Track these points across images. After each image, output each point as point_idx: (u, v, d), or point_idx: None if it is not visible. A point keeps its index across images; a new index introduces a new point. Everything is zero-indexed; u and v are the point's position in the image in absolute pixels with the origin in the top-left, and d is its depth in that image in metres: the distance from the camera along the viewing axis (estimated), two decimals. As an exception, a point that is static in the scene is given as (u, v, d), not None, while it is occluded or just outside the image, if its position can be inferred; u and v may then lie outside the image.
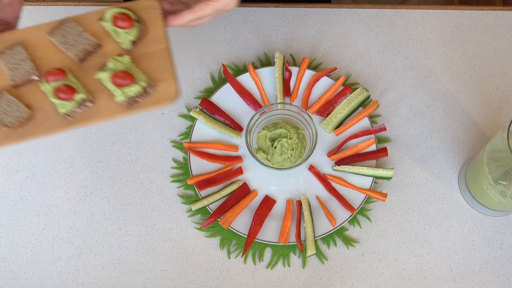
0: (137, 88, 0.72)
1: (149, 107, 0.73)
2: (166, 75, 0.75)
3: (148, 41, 0.76)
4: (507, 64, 1.02)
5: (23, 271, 0.91)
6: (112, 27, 0.76)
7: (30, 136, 0.73)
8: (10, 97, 0.74)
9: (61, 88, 0.72)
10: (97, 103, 0.74)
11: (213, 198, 0.91)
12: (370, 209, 0.93)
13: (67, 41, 0.76)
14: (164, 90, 0.74)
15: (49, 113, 0.74)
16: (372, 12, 1.06)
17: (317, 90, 0.99)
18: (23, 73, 0.75)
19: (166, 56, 0.76)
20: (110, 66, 0.74)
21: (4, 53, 0.76)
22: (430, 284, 0.89)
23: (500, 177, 0.81)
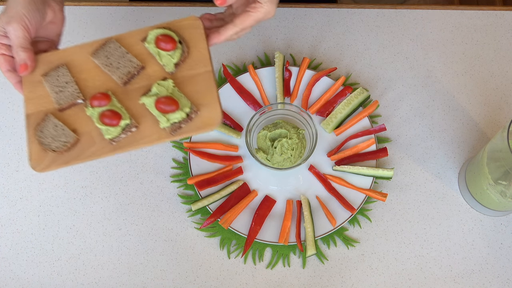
0: (181, 115, 0.71)
1: (192, 132, 0.72)
2: (210, 99, 0.73)
3: (191, 63, 0.75)
4: (507, 64, 1.02)
5: (23, 271, 0.91)
6: (155, 49, 0.75)
7: (75, 161, 0.72)
8: (56, 121, 0.73)
9: (106, 113, 0.71)
10: (141, 128, 0.73)
11: (213, 198, 0.91)
12: (370, 209, 0.93)
13: (110, 63, 0.75)
14: (207, 115, 0.72)
15: (94, 137, 0.73)
16: (372, 12, 1.06)
17: (317, 90, 0.99)
18: (68, 97, 0.74)
19: (209, 79, 0.74)
20: (154, 91, 0.73)
21: (48, 75, 0.76)
22: (430, 284, 0.89)
23: (500, 177, 0.81)
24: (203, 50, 0.75)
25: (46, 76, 0.76)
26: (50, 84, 0.75)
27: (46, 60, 0.77)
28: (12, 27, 0.72)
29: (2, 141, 0.98)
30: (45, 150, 0.72)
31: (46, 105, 0.75)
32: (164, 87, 0.73)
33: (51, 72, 0.76)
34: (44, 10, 0.75)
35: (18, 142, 0.97)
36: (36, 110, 0.75)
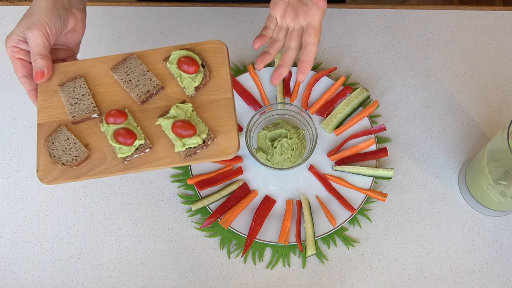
0: (197, 140, 0.70)
1: (207, 159, 0.71)
2: (228, 127, 0.71)
3: (212, 87, 0.74)
4: (507, 64, 1.02)
5: (23, 271, 0.91)
6: (177, 71, 0.74)
7: (84, 177, 0.71)
8: (69, 133, 0.72)
9: (121, 132, 0.70)
10: (155, 150, 0.71)
11: (213, 198, 0.91)
12: (370, 209, 0.93)
13: (130, 80, 0.74)
14: (224, 144, 0.71)
15: (106, 154, 0.71)
16: (372, 12, 1.06)
17: (317, 90, 0.99)
18: (83, 110, 0.73)
19: (229, 106, 0.73)
20: (172, 113, 0.72)
21: (65, 85, 0.74)
22: (430, 284, 0.89)
23: (500, 177, 0.81)
24: (225, 76, 0.74)
25: (63, 86, 0.75)
26: (66, 95, 0.74)
27: (63, 69, 0.76)
28: (32, 33, 0.71)
29: (2, 141, 0.98)
30: (54, 163, 0.71)
31: (60, 116, 0.73)
32: (182, 110, 0.72)
33: (68, 83, 0.75)
34: (66, 18, 0.75)
35: (18, 142, 0.97)
36: (49, 120, 0.73)
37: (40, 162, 0.71)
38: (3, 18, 1.06)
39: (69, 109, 0.73)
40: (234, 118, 0.72)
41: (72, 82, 0.75)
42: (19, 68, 0.74)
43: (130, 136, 0.70)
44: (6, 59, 1.03)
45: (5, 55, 1.03)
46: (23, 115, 0.99)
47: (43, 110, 0.74)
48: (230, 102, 0.73)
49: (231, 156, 0.70)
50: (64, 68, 0.76)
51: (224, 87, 0.74)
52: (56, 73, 0.75)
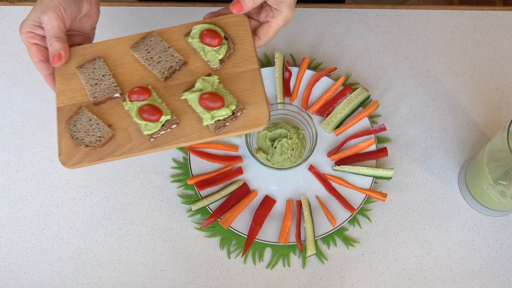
0: (226, 112, 0.68)
1: (237, 132, 0.69)
2: (257, 98, 0.70)
3: (237, 60, 0.72)
4: (507, 64, 1.02)
5: (23, 271, 0.91)
6: (200, 45, 0.72)
7: (110, 157, 0.68)
8: (91, 114, 0.70)
9: (146, 108, 0.68)
10: (182, 125, 0.69)
11: (213, 198, 0.91)
12: (370, 209, 0.93)
13: (151, 57, 0.72)
14: (254, 115, 0.69)
15: (131, 133, 0.69)
16: (372, 12, 1.06)
17: (317, 90, 0.99)
18: (104, 90, 0.71)
19: (256, 77, 0.71)
20: (198, 86, 0.70)
21: (84, 67, 0.73)
22: (430, 284, 0.89)
23: (500, 177, 0.81)
24: (249, 48, 0.73)
25: (81, 68, 0.73)
26: (85, 76, 0.72)
27: (80, 52, 0.74)
28: (48, 17, 0.70)
29: (2, 141, 0.98)
30: (77, 145, 0.69)
31: (80, 98, 0.71)
32: (208, 83, 0.70)
33: (86, 65, 0.73)
34: (80, 2, 0.73)
35: (18, 142, 0.97)
36: (68, 103, 0.71)
37: (62, 146, 0.69)
38: (3, 18, 1.06)
39: (89, 90, 0.71)
40: (262, 89, 0.70)
41: (91, 63, 0.73)
42: (34, 53, 0.72)
43: (156, 112, 0.68)
44: (6, 59, 1.03)
45: (5, 55, 1.03)
46: (23, 115, 0.99)
47: (61, 93, 0.72)
48: (257, 73, 0.72)
49: (262, 127, 0.69)
50: (81, 50, 0.74)
51: (249, 59, 0.72)
52: (73, 56, 0.74)
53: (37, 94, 1.00)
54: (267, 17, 0.75)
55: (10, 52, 1.04)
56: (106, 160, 0.69)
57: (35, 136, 0.98)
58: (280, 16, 0.73)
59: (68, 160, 0.68)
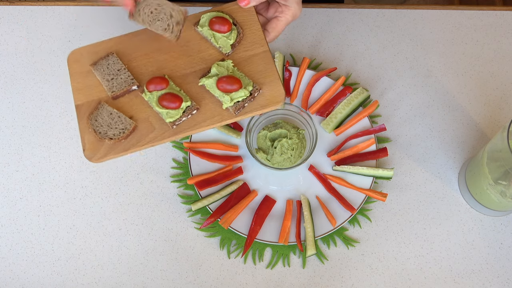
0: (244, 93, 0.70)
1: (256, 111, 0.71)
2: (271, 77, 0.73)
3: (247, 44, 0.75)
4: (507, 64, 1.02)
5: (23, 271, 0.91)
6: (210, 32, 0.74)
7: (135, 148, 0.70)
8: (111, 108, 0.72)
9: (165, 97, 0.70)
10: (202, 110, 0.72)
11: (213, 198, 0.91)
12: (370, 209, 0.93)
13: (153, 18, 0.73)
14: (271, 94, 0.72)
15: (153, 123, 0.71)
16: (372, 12, 1.06)
17: (317, 90, 0.99)
18: (121, 83, 0.73)
19: (268, 58, 0.74)
20: (214, 71, 0.72)
21: (98, 63, 0.74)
22: (430, 284, 0.89)
23: (500, 177, 0.81)
24: (257, 31, 0.75)
25: (95, 65, 0.74)
26: (100, 72, 0.74)
27: (92, 50, 0.76)
28: None
29: (2, 141, 0.98)
30: (100, 140, 0.70)
31: (98, 94, 0.73)
32: (223, 67, 0.73)
33: (100, 61, 0.74)
34: None
35: (18, 142, 0.97)
36: (86, 100, 0.73)
37: (86, 142, 0.71)
38: (3, 18, 1.06)
39: (106, 85, 0.73)
40: (275, 68, 0.73)
41: (105, 59, 0.75)
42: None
43: (176, 99, 0.70)
44: (6, 59, 1.03)
45: (5, 55, 1.03)
46: (23, 115, 0.99)
47: (78, 92, 0.74)
48: (268, 55, 0.74)
49: (279, 105, 0.72)
50: (93, 49, 0.76)
51: (259, 42, 0.75)
52: (85, 55, 0.76)
53: (37, 94, 1.00)
54: (276, 12, 0.77)
55: (10, 52, 1.04)
56: (132, 151, 0.71)
57: (35, 136, 0.98)
58: (289, 12, 0.76)
59: (94, 155, 0.70)
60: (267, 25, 0.78)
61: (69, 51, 1.02)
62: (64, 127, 0.98)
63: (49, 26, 1.05)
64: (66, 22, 1.05)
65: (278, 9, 0.77)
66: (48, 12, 1.06)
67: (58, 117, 0.99)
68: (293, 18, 0.77)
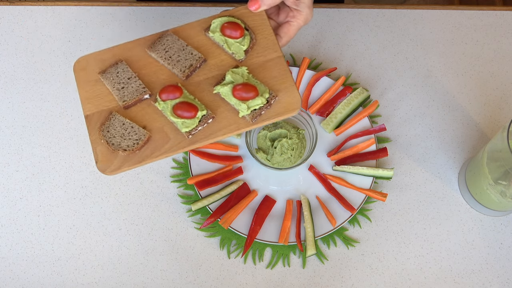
0: (261, 100, 0.68)
1: (273, 119, 0.69)
2: (287, 84, 0.71)
3: (260, 49, 0.73)
4: (507, 64, 1.02)
5: (23, 271, 0.91)
6: (222, 38, 0.72)
7: (150, 159, 0.68)
8: (123, 118, 0.69)
9: (180, 106, 0.68)
10: (218, 119, 0.69)
11: (213, 198, 0.91)
12: (370, 209, 0.93)
13: (170, 56, 0.72)
14: (287, 100, 0.70)
15: (168, 133, 0.69)
16: (372, 12, 1.06)
17: (317, 90, 0.99)
18: (133, 92, 0.70)
19: (282, 64, 0.72)
20: (229, 79, 0.70)
21: (106, 72, 0.72)
22: (430, 284, 0.89)
23: (500, 177, 0.81)
24: (270, 36, 0.73)
25: (104, 73, 0.72)
26: (109, 81, 0.71)
27: (99, 58, 0.73)
28: None
29: (2, 141, 0.98)
30: (114, 151, 0.68)
31: (108, 104, 0.71)
32: (238, 74, 0.71)
33: (109, 69, 0.72)
34: None
35: (18, 142, 0.97)
36: (96, 110, 0.70)
37: (98, 153, 0.68)
38: (3, 18, 1.06)
39: (117, 94, 0.70)
40: (290, 74, 0.71)
41: (114, 67, 0.72)
42: None
43: (191, 108, 0.67)
44: (6, 59, 1.03)
45: (5, 55, 1.03)
46: (23, 115, 0.99)
47: (87, 101, 0.71)
48: (282, 60, 0.72)
49: (296, 112, 0.70)
50: (99, 56, 0.73)
51: (272, 47, 0.73)
52: (92, 63, 0.73)
53: (37, 94, 1.00)
54: (287, 17, 0.76)
55: (10, 52, 1.04)
56: (146, 162, 0.68)
57: (35, 136, 0.98)
58: (300, 16, 0.75)
59: (107, 167, 0.67)
60: (279, 30, 0.76)
61: (69, 51, 1.03)
62: (64, 127, 0.98)
63: (49, 26, 1.05)
64: (66, 22, 1.05)
65: (290, 14, 0.76)
66: (48, 12, 1.06)
67: (58, 117, 0.99)
68: (305, 23, 0.76)
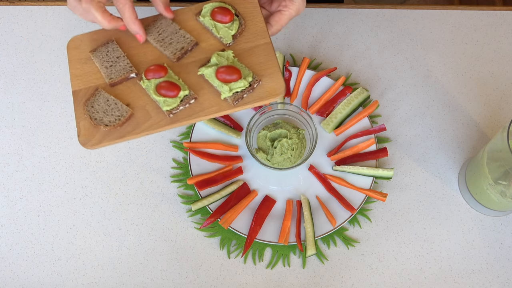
0: (243, 83, 0.70)
1: (255, 103, 0.71)
2: (272, 70, 0.72)
3: (249, 36, 0.75)
4: (507, 64, 1.02)
5: (23, 271, 0.91)
6: (211, 22, 0.74)
7: (130, 135, 0.70)
8: (108, 95, 0.72)
9: (163, 85, 0.70)
10: (200, 100, 0.71)
11: (213, 198, 0.91)
12: (370, 209, 0.93)
13: (163, 39, 0.74)
14: (271, 85, 0.71)
15: (149, 111, 0.71)
16: (372, 12, 1.06)
17: (317, 90, 0.99)
18: (120, 71, 0.73)
19: (269, 50, 0.73)
20: (214, 61, 0.72)
21: (97, 50, 0.74)
22: (430, 284, 0.89)
23: (500, 177, 0.81)
24: (260, 23, 0.75)
25: (95, 52, 0.74)
26: (99, 59, 0.73)
27: (92, 38, 0.76)
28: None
29: (2, 141, 0.98)
30: (96, 126, 0.70)
31: (96, 81, 0.73)
32: (223, 57, 0.72)
33: (99, 48, 0.74)
34: None
35: (18, 142, 0.97)
36: (84, 86, 0.73)
37: (81, 128, 0.70)
38: (3, 18, 1.06)
39: (105, 72, 0.73)
40: (276, 61, 0.73)
41: (104, 46, 0.74)
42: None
43: (174, 87, 0.69)
44: (6, 59, 1.03)
45: (5, 55, 1.03)
46: (23, 115, 0.99)
47: (76, 78, 0.74)
48: (270, 47, 0.74)
49: (278, 97, 0.71)
50: (92, 36, 0.76)
51: (261, 34, 0.74)
52: (85, 42, 0.75)
53: (37, 94, 1.00)
54: (280, 6, 0.77)
55: (10, 52, 1.04)
56: (127, 139, 0.70)
57: (35, 136, 0.98)
58: (293, 6, 0.76)
59: (88, 140, 0.70)
60: (270, 18, 0.78)
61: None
62: (64, 127, 0.98)
63: (49, 26, 1.05)
64: (66, 22, 1.05)
65: (282, 3, 0.77)
66: (48, 12, 1.06)
67: (58, 117, 0.99)
68: (297, 13, 0.77)
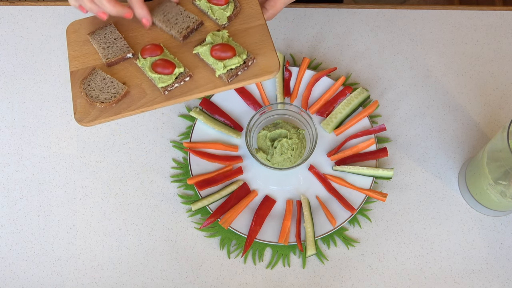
0: (238, 60, 0.71)
1: (249, 80, 0.72)
2: (266, 48, 0.73)
3: (244, 18, 0.76)
4: (507, 64, 1.02)
5: (23, 271, 0.91)
6: (207, 5, 0.76)
7: (125, 112, 0.71)
8: (104, 74, 0.73)
9: (159, 62, 0.71)
10: (195, 78, 0.73)
11: (213, 198, 0.91)
12: (370, 209, 0.93)
13: (168, 19, 0.76)
14: (265, 63, 0.72)
15: (145, 89, 0.73)
16: (372, 12, 1.06)
17: (317, 90, 0.99)
18: (117, 51, 0.75)
19: (264, 30, 0.75)
20: (209, 40, 0.73)
21: (95, 33, 0.76)
22: (430, 284, 0.89)
23: (500, 177, 0.81)
24: (255, 6, 0.77)
25: (93, 34, 0.76)
26: (97, 41, 0.76)
27: (91, 22, 0.78)
28: None
29: (2, 141, 0.98)
30: (91, 104, 0.71)
31: (93, 62, 0.75)
32: (218, 36, 0.74)
33: (98, 31, 0.76)
34: None
35: (18, 142, 0.97)
36: (82, 67, 0.75)
37: (77, 105, 0.72)
38: (3, 18, 1.06)
39: (102, 52, 0.75)
40: (271, 40, 0.74)
41: (102, 29, 0.77)
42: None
43: (169, 65, 0.71)
44: (6, 59, 1.03)
45: (5, 55, 1.03)
46: (23, 115, 0.99)
47: (74, 59, 0.76)
48: (264, 27, 0.75)
49: (273, 75, 0.72)
50: (91, 20, 0.78)
51: (256, 16, 0.76)
52: (84, 25, 0.78)
53: (37, 94, 1.00)
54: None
55: (10, 52, 1.04)
56: (122, 115, 0.71)
57: (35, 136, 0.98)
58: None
59: (84, 117, 0.71)
60: (266, 3, 0.79)
61: (69, 51, 1.03)
62: (64, 127, 0.98)
63: (49, 26, 1.05)
64: (66, 22, 1.05)
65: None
66: (48, 12, 1.06)
67: (58, 117, 0.99)
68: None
